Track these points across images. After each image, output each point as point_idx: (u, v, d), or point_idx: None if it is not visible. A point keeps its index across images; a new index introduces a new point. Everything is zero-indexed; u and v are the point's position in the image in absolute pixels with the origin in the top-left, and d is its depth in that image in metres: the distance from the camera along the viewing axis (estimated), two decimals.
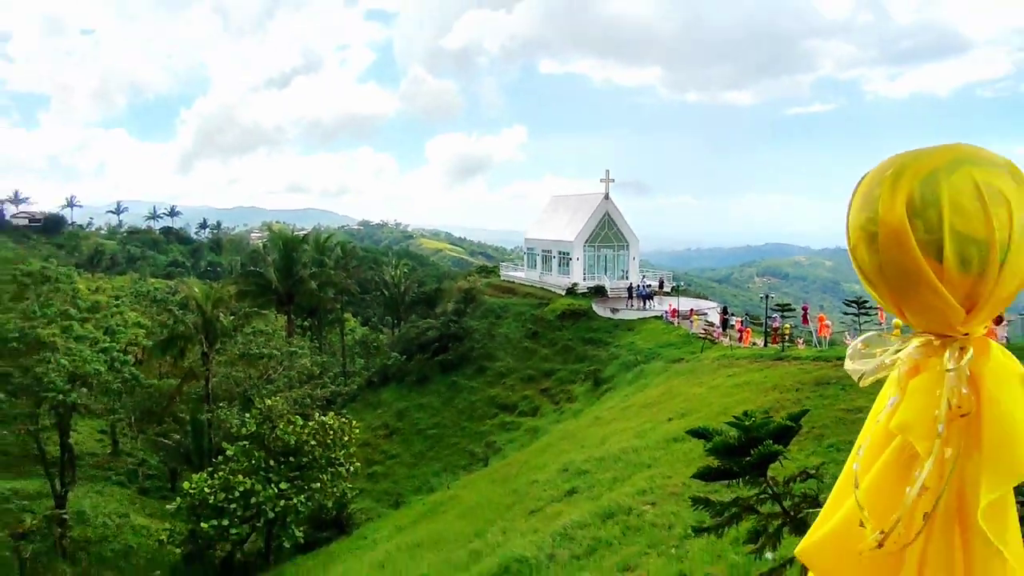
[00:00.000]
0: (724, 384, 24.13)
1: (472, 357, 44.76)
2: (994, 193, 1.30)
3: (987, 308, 1.37)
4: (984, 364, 1.36)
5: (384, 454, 40.86)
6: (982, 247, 1.31)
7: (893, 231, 1.35)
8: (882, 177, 1.39)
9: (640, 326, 40.23)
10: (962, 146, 1.38)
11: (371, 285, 65.15)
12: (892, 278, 1.40)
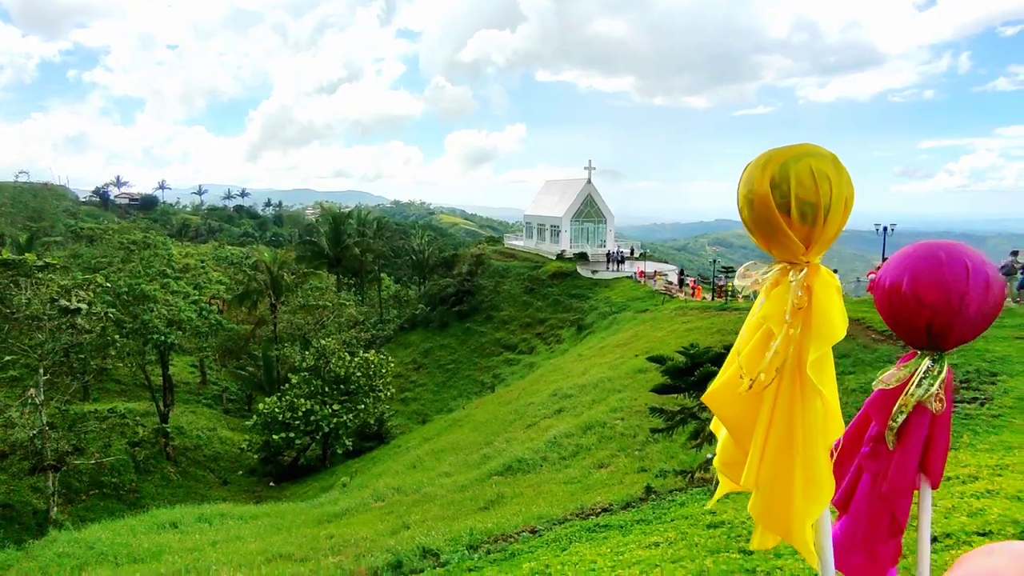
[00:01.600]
0: (679, 328, 24.49)
1: (482, 308, 45.15)
2: (822, 175, 1.62)
3: (818, 245, 1.70)
4: (815, 279, 1.69)
5: (413, 383, 41.53)
6: (814, 208, 1.63)
7: (761, 198, 1.66)
8: (756, 164, 1.70)
9: (615, 284, 40.47)
10: (805, 145, 1.68)
11: (402, 251, 65.15)
12: (762, 228, 1.71)
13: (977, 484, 6.86)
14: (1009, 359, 13.36)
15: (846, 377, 14.86)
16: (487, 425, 22.34)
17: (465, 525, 10.54)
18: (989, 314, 2.00)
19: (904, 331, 2.11)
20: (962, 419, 11.12)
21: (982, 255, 2.04)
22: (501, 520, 10.37)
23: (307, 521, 15.62)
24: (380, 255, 58.14)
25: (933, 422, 2.05)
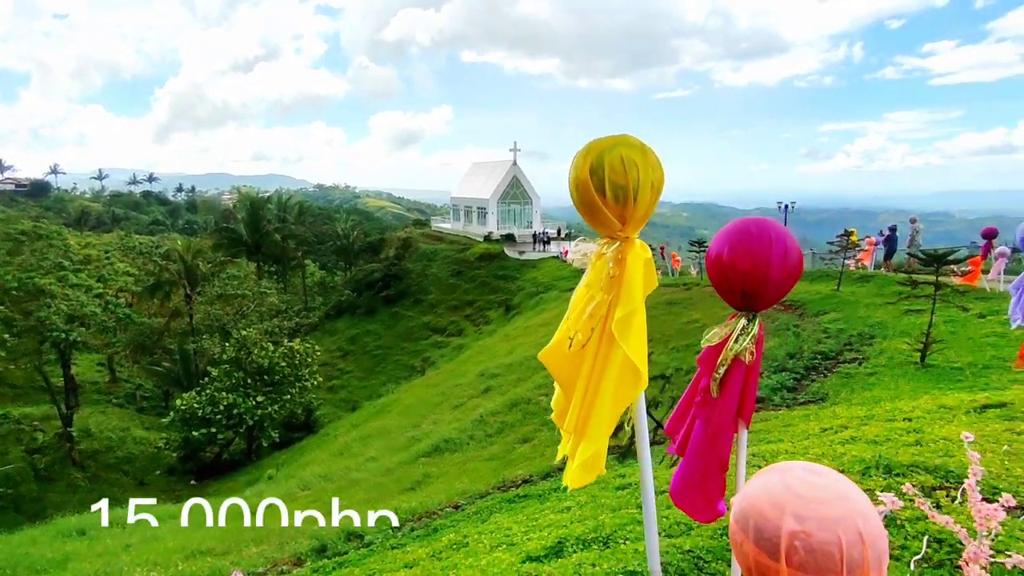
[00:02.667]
0: None
1: (410, 292, 44.78)
2: (631, 162, 1.86)
3: (632, 223, 1.94)
4: (628, 251, 1.95)
5: (341, 371, 40.78)
6: (625, 190, 1.87)
7: (582, 183, 1.89)
8: (580, 154, 1.93)
9: (541, 264, 41.14)
10: (620, 136, 1.92)
11: (326, 237, 63.23)
12: (585, 208, 1.94)
13: (845, 433, 7.67)
14: (884, 323, 14.80)
15: None
16: (415, 408, 22.39)
17: (390, 506, 10.65)
18: (790, 277, 2.33)
19: (725, 294, 2.42)
20: (843, 377, 12.28)
21: (786, 229, 2.38)
22: (425, 499, 10.57)
23: (229, 515, 15.21)
24: (303, 241, 56.23)
25: (748, 373, 2.38)
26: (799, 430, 9.16)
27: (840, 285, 18.97)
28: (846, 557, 1.32)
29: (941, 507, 4.18)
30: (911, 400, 9.59)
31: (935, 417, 7.94)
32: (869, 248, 20.92)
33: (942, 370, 11.56)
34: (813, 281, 20.75)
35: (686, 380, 10.84)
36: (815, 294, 18.82)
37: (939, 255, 12.59)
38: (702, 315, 20.02)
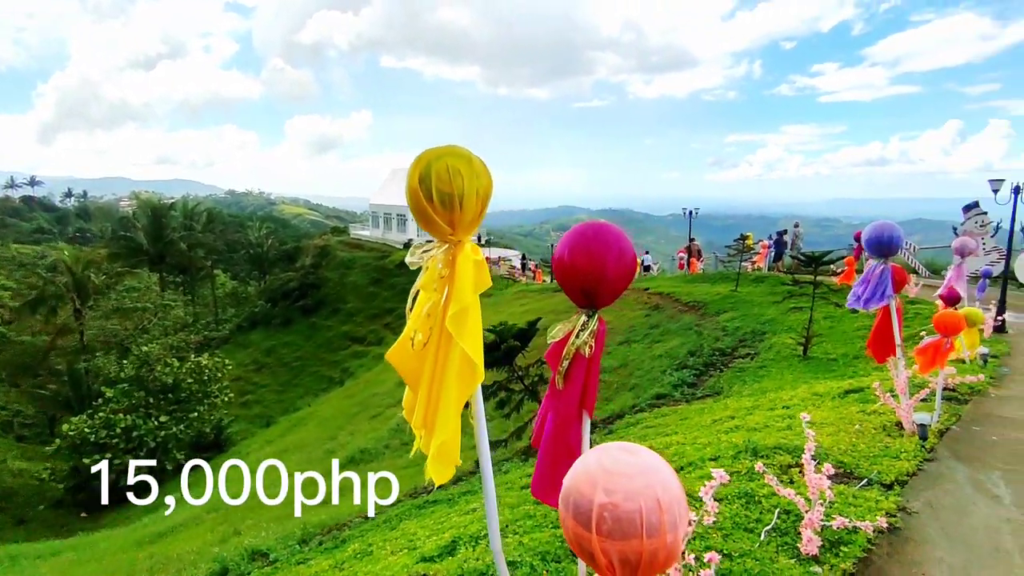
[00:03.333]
0: (518, 310, 25.68)
1: (328, 301, 43.50)
2: (456, 171, 2.00)
3: (461, 227, 2.09)
4: (458, 254, 2.09)
5: (255, 385, 38.96)
6: (451, 197, 2.02)
7: (413, 190, 2.01)
8: (412, 164, 2.05)
9: None
10: (448, 147, 2.07)
11: (238, 245, 60.23)
12: (418, 214, 2.07)
13: (731, 423, 8.26)
14: (774, 320, 15.99)
15: (655, 345, 16.76)
16: (332, 420, 21.81)
17: (299, 521, 10.36)
18: (625, 278, 2.56)
19: (570, 292, 2.62)
20: (737, 372, 13.17)
21: (620, 232, 2.61)
22: (336, 511, 10.34)
23: (124, 546, 14.22)
24: (212, 250, 53.26)
25: (589, 366, 2.59)
26: (693, 422, 9.76)
27: (738, 286, 20.29)
28: (645, 523, 1.52)
29: (794, 483, 4.62)
30: (791, 389, 10.45)
31: (808, 403, 8.71)
32: (763, 251, 22.49)
33: (820, 361, 12.67)
34: (715, 283, 22.06)
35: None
36: (716, 295, 20.02)
37: (816, 257, 13.77)
38: (613, 317, 20.74)
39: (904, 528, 4.02)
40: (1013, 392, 7.86)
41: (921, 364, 6.66)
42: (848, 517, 3.79)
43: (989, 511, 4.35)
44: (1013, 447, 5.74)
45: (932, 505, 4.41)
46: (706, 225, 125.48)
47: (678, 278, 24.70)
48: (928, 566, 3.60)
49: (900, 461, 5.15)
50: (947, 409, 6.91)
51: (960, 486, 4.77)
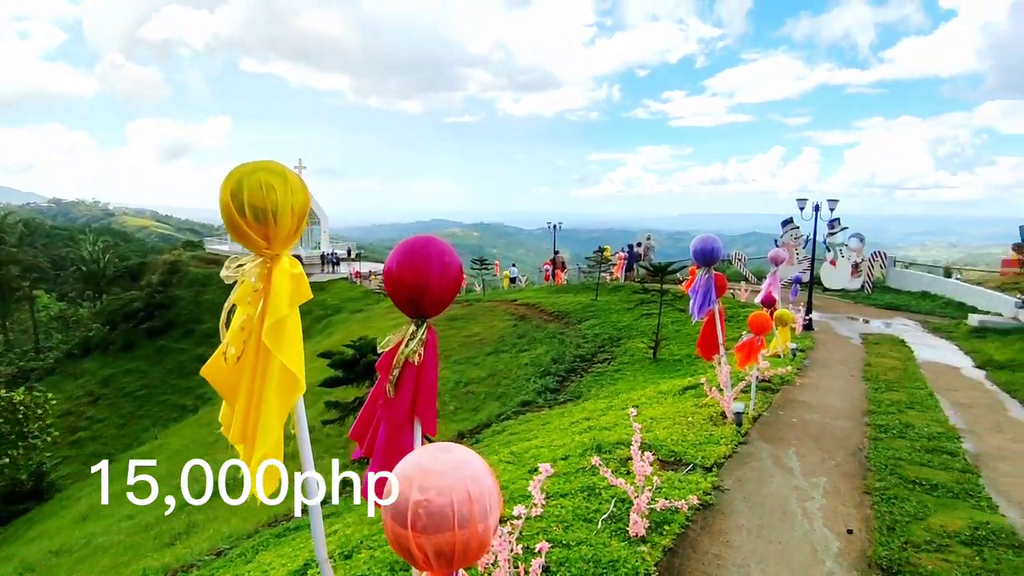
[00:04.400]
0: (388, 326, 25.22)
1: (179, 322, 39.58)
2: (269, 186, 2.02)
3: (278, 241, 2.10)
4: (275, 267, 2.10)
5: (90, 420, 34.33)
6: (264, 212, 2.03)
7: (225, 205, 2.00)
8: (224, 179, 2.03)
9: (330, 286, 39.58)
10: (261, 162, 2.08)
11: (66, 262, 52.94)
12: (231, 228, 2.05)
13: (586, 424, 8.80)
14: (629, 326, 17.25)
15: (522, 354, 17.31)
16: (185, 452, 19.90)
17: (138, 568, 9.36)
18: (449, 289, 2.70)
19: (399, 303, 2.71)
20: (596, 376, 14.01)
21: (446, 247, 2.75)
22: (184, 552, 9.49)
23: None
24: (31, 267, 46.39)
25: (419, 374, 2.69)
26: (554, 425, 10.24)
27: (598, 295, 21.62)
28: (457, 515, 1.63)
29: (630, 473, 5.05)
30: (641, 389, 11.35)
31: (653, 401, 9.52)
32: (619, 262, 24.15)
33: (667, 362, 13.88)
34: (577, 293, 23.30)
35: (464, 390, 11.52)
36: (578, 304, 21.16)
37: (662, 267, 15.10)
38: (482, 328, 21.13)
39: (716, 503, 4.57)
40: (812, 380, 9.19)
41: (739, 360, 7.58)
42: (669, 499, 4.23)
43: (783, 481, 5.07)
44: (806, 427, 6.73)
45: (740, 480, 5.05)
46: (572, 238, 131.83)
47: (544, 289, 25.73)
48: (731, 533, 4.13)
49: (720, 446, 5.83)
50: (762, 398, 7.92)
51: (763, 462, 5.51)
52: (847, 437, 6.40)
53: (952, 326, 14.79)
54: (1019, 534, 4.25)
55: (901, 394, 8.36)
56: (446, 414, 14.71)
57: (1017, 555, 3.96)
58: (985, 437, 6.60)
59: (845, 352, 11.80)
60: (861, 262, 20.62)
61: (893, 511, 4.56)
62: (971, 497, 4.85)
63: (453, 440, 12.54)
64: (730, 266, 23.93)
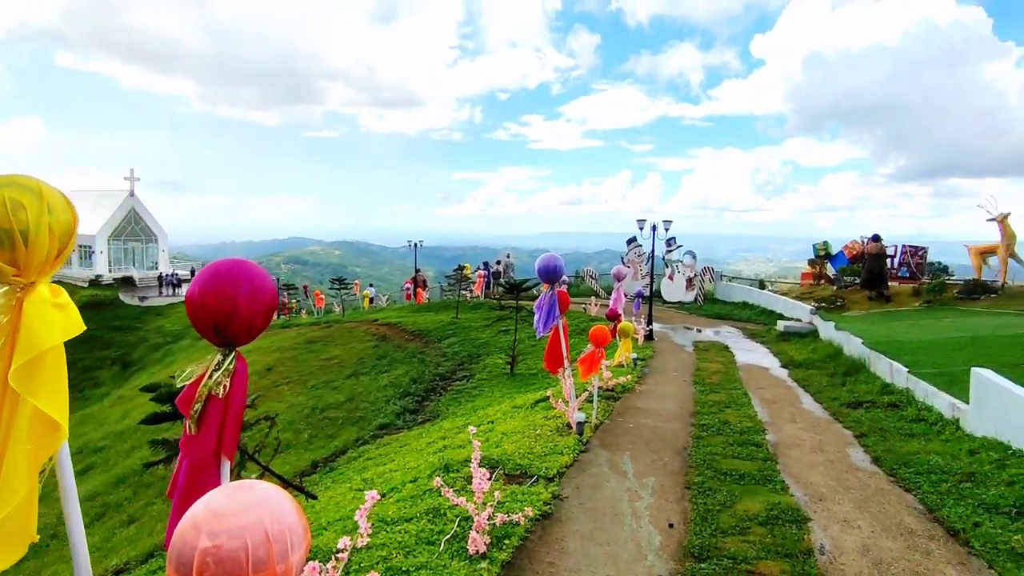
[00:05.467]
0: None
1: None
2: (17, 204, 1.78)
3: (30, 268, 1.86)
4: (28, 297, 1.84)
5: None
6: (9, 234, 1.78)
7: None
8: None
9: (169, 311, 35.72)
10: (12, 175, 1.82)
11: None
12: None
13: (443, 443, 8.77)
14: (488, 343, 17.55)
15: (381, 375, 16.86)
16: None
17: None
18: (260, 315, 2.55)
19: (203, 331, 2.51)
20: (455, 394, 14.04)
21: (256, 270, 2.60)
22: None
23: None
24: None
25: (226, 407, 2.50)
26: (412, 447, 10.08)
27: (458, 313, 21.77)
28: (251, 558, 1.49)
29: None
30: (498, 405, 11.56)
31: (507, 416, 9.74)
32: (479, 280, 24.56)
33: (524, 377, 14.30)
34: (438, 311, 23.27)
35: (320, 417, 10.81)
36: (439, 322, 21.12)
37: (517, 284, 15.58)
38: (341, 351, 20.30)
39: (555, 512, 4.77)
40: (650, 387, 9.99)
41: (582, 372, 8.03)
42: (507, 513, 4.33)
43: (617, 484, 5.43)
44: (641, 431, 7.28)
45: (579, 487, 5.32)
46: (436, 256, 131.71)
47: (406, 308, 25.38)
48: (567, 540, 4.33)
49: (563, 456, 6.10)
50: (604, 406, 8.44)
51: (601, 468, 5.86)
52: (675, 438, 7.03)
53: (765, 331, 16.92)
54: (802, 510, 4.93)
55: (722, 395, 9.37)
56: (300, 443, 13.86)
57: (799, 528, 4.58)
58: (783, 428, 7.60)
59: (680, 359, 12.99)
60: (694, 277, 22.92)
61: (707, 502, 5.06)
62: (769, 482, 5.55)
63: (307, 471, 11.82)
64: (583, 282, 25.37)
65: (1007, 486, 5.22)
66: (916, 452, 6.44)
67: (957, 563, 4.15)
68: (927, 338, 11.70)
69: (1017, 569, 4.02)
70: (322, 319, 26.52)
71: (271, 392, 18.29)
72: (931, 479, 5.66)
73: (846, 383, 10.17)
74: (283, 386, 18.44)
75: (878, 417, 8.01)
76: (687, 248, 23.79)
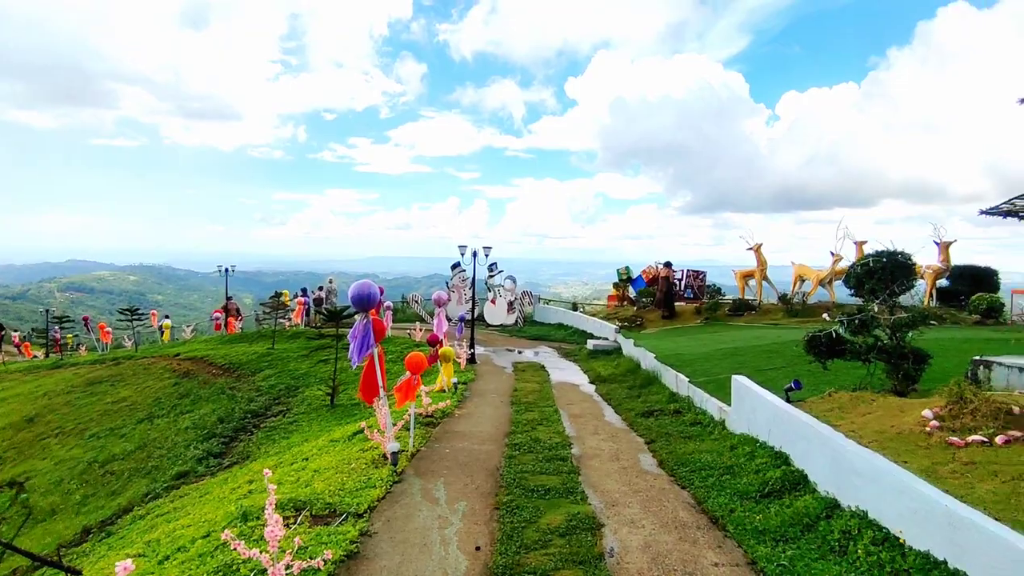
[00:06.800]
0: None
1: None
2: None
3: None
4: None
5: None
6: None
7: None
8: None
9: None
10: None
11: None
12: None
13: (250, 487, 8.00)
14: (307, 374, 16.52)
15: (182, 417, 14.94)
16: None
17: None
18: None
19: None
20: (268, 432, 12.93)
21: None
22: None
23: None
24: None
25: None
26: (213, 495, 9.03)
27: (275, 343, 20.20)
28: None
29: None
30: (315, 440, 10.89)
31: (323, 451, 9.21)
32: (299, 307, 23.12)
33: (345, 408, 13.68)
34: (253, 342, 21.38)
35: (101, 472, 9.25)
36: (253, 354, 19.40)
37: (338, 312, 14.96)
38: (133, 391, 17.63)
39: (362, 550, 4.60)
40: (469, 410, 10.18)
41: (398, 400, 7.92)
42: (308, 559, 4.08)
43: (428, 512, 5.41)
44: (458, 455, 7.37)
45: (389, 520, 5.20)
46: (256, 282, 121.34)
47: (215, 339, 22.90)
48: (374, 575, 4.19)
49: (375, 489, 5.92)
50: (423, 433, 8.40)
51: (414, 497, 5.80)
52: (489, 459, 7.23)
53: (577, 350, 18.27)
54: (597, 517, 5.36)
55: (535, 413, 9.88)
56: (70, 507, 11.69)
57: (593, 535, 4.97)
58: (587, 440, 8.24)
59: (500, 381, 13.45)
60: (515, 300, 24.02)
61: (514, 520, 5.26)
62: (571, 494, 5.95)
63: (75, 540, 9.94)
64: (408, 308, 25.18)
65: (755, 474, 6.21)
66: (692, 452, 7.39)
67: (715, 546, 4.81)
68: (703, 350, 13.57)
69: (758, 544, 4.78)
70: (108, 356, 22.83)
71: (33, 447, 15.24)
72: (701, 475, 6.53)
73: (641, 394, 11.36)
74: (50, 439, 15.47)
75: (665, 423, 9.06)
76: (509, 273, 24.90)
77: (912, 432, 5.79)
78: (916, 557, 4.05)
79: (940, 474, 4.81)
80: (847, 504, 5.02)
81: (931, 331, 11.01)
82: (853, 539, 4.53)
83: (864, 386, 7.95)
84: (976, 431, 5.45)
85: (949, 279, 18.92)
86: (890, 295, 7.99)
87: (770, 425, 7.00)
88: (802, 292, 21.10)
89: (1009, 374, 7.84)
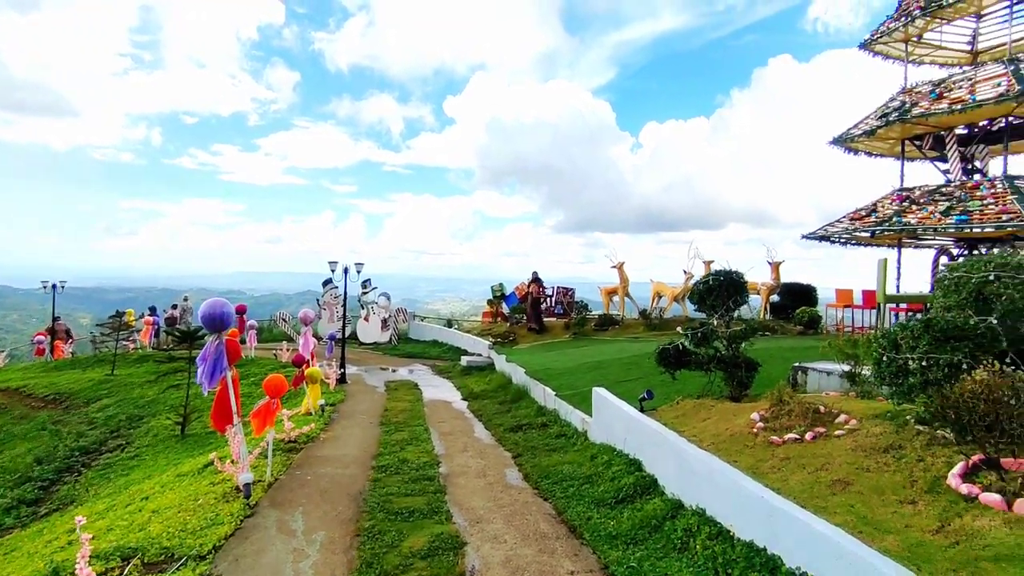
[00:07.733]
0: None
1: None
2: None
3: None
4: None
5: None
6: None
7: None
8: None
9: None
10: None
11: None
12: None
13: (68, 538, 6.95)
14: (154, 401, 14.84)
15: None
16: None
17: None
18: None
19: None
20: (102, 470, 11.39)
21: None
22: None
23: None
24: None
25: None
26: (23, 551, 7.74)
27: (115, 368, 17.94)
28: None
29: None
30: (159, 476, 9.78)
31: (167, 487, 8.29)
32: (147, 327, 20.80)
33: (199, 437, 12.44)
34: (87, 368, 18.82)
35: None
36: (88, 382, 17.06)
37: (191, 332, 13.65)
38: None
39: None
40: (335, 433, 9.72)
41: (255, 426, 7.37)
42: None
43: (283, 546, 5.06)
44: (319, 482, 7.00)
45: (237, 559, 4.78)
46: (99, 300, 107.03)
47: (37, 367, 19.84)
48: None
49: (222, 526, 5.43)
50: (283, 460, 7.87)
51: (268, 531, 5.39)
52: (352, 484, 6.93)
53: (451, 367, 18.21)
54: (460, 536, 5.34)
55: (405, 433, 9.67)
56: None
57: (455, 555, 4.93)
58: (455, 458, 8.20)
59: (371, 401, 13.00)
60: (389, 317, 23.47)
61: (375, 546, 5.08)
62: (435, 514, 5.87)
63: None
64: (275, 327, 23.66)
65: (610, 482, 6.55)
66: (556, 464, 7.63)
67: (572, 554, 4.99)
68: (570, 364, 14.15)
69: (611, 549, 5.03)
70: None
71: None
72: (563, 486, 6.76)
73: (511, 409, 11.57)
74: None
75: (532, 437, 9.28)
76: (385, 289, 24.31)
77: (742, 434, 6.45)
78: (743, 547, 4.48)
79: (762, 470, 5.39)
80: (689, 504, 5.46)
81: (762, 341, 12.46)
82: (693, 536, 4.92)
83: (706, 393, 8.75)
84: (791, 430, 6.20)
85: (779, 295, 21.49)
86: (727, 310, 8.90)
87: (626, 434, 7.44)
88: (659, 308, 22.82)
89: (820, 378, 9.04)
